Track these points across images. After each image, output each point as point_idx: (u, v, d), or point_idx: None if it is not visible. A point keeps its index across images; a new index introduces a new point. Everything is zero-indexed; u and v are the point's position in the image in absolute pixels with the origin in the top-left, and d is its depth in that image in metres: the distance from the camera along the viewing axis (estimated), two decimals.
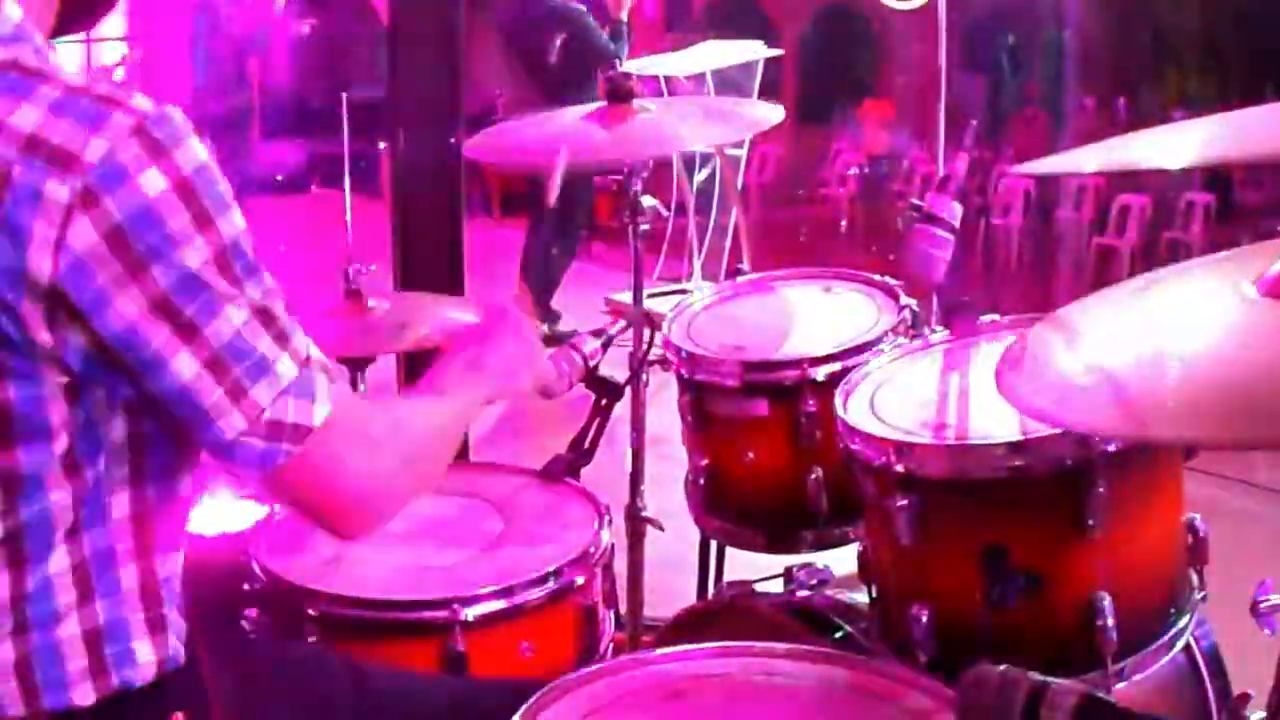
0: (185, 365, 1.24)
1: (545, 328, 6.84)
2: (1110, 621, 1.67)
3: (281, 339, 1.30)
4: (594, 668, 1.59)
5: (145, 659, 1.32)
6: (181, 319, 1.23)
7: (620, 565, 2.23)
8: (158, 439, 1.30)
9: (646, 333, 2.35)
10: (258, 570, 1.95)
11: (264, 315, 1.29)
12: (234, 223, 1.26)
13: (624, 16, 6.85)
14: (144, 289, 1.20)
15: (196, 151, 1.23)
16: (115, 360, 1.22)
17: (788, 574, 2.28)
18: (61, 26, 1.35)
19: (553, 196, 2.14)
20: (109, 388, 1.25)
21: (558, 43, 6.68)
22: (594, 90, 6.70)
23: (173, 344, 1.23)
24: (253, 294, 1.27)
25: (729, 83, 6.74)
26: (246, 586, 1.95)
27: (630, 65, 5.83)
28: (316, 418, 1.32)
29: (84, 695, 1.28)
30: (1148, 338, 1.22)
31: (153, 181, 1.19)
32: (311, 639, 1.83)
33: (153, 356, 1.23)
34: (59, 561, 1.27)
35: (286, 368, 1.30)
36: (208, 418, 1.27)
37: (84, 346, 1.21)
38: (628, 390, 2.32)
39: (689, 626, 2.22)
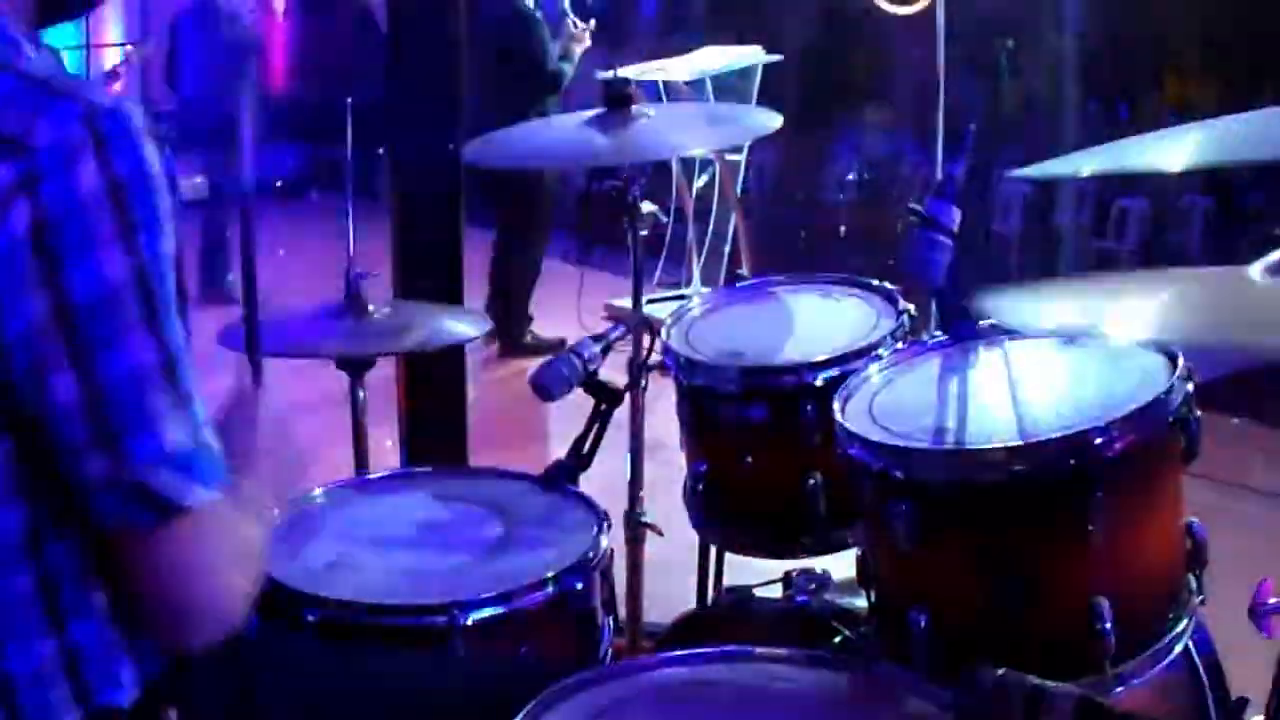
0: (64, 387, 1.15)
1: (529, 337, 6.76)
2: (1109, 625, 1.67)
3: (180, 402, 1.20)
4: (593, 673, 1.59)
5: (130, 680, 1.31)
6: (78, 336, 1.15)
7: (619, 570, 2.23)
8: None
9: (646, 338, 2.35)
10: None
11: (169, 367, 1.19)
12: (162, 245, 1.19)
13: (577, 51, 6.70)
14: (52, 292, 1.14)
15: (142, 155, 1.18)
16: (5, 365, 1.16)
17: (787, 579, 2.29)
18: (51, 14, 1.34)
19: None
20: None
21: (556, 50, 6.62)
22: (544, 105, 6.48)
23: (59, 360, 1.15)
24: (165, 336, 1.19)
25: (728, 88, 6.74)
26: None
27: (629, 70, 5.79)
28: (192, 500, 1.20)
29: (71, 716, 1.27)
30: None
31: (88, 176, 1.15)
32: None
33: (37, 367, 1.15)
34: (24, 581, 1.23)
35: (176, 434, 1.19)
36: (72, 452, 1.17)
37: None
38: (627, 395, 2.33)
39: (688, 632, 2.22)
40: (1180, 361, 1.72)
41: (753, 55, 6.88)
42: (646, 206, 2.39)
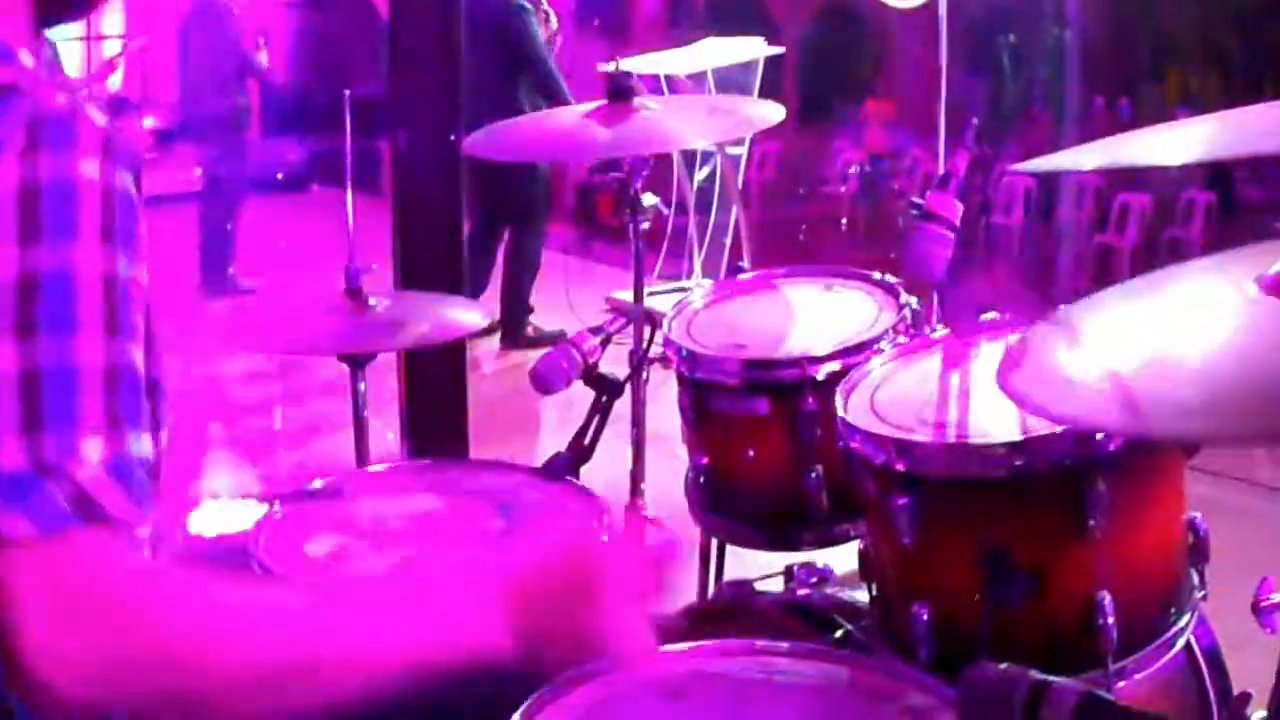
0: None
1: (529, 330, 6.72)
2: (1110, 620, 1.67)
3: (110, 420, 1.10)
4: (594, 665, 1.59)
5: None
6: None
7: None
8: None
9: (647, 330, 2.34)
10: (257, 569, 1.95)
11: (31, 382, 1.08)
12: (70, 260, 1.11)
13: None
14: None
15: (72, 166, 1.13)
16: None
17: (788, 572, 2.28)
18: (52, 17, 1.34)
19: None
20: None
21: (557, 42, 6.62)
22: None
23: None
24: (35, 352, 1.09)
25: (730, 81, 6.73)
26: None
27: (630, 63, 5.78)
28: (83, 519, 1.07)
29: None
30: (1150, 337, 1.22)
31: (3, 175, 1.11)
32: None
33: None
34: None
35: (93, 451, 1.09)
36: None
37: None
38: (628, 388, 2.32)
39: (689, 625, 2.22)
40: None
41: (755, 48, 6.87)
42: (648, 199, 2.38)
